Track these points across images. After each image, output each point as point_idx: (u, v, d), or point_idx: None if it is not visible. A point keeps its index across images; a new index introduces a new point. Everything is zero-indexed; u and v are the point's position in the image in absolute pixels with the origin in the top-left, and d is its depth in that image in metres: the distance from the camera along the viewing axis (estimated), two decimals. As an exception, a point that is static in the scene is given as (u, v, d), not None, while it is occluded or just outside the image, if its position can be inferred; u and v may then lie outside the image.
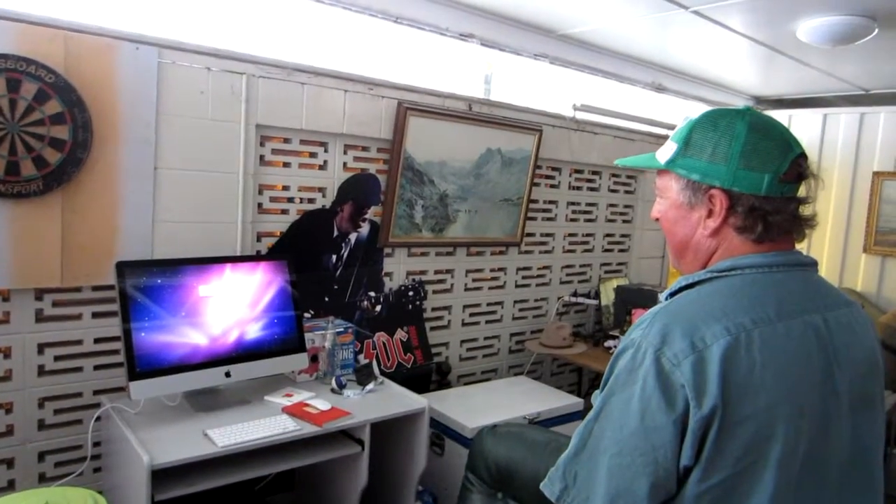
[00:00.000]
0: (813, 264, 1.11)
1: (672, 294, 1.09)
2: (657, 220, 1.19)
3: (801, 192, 1.09)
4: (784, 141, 1.07)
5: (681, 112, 4.61)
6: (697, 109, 1.18)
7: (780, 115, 5.00)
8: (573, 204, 3.97)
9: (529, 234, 3.72)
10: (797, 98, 4.90)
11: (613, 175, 4.18)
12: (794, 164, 1.06)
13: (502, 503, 1.91)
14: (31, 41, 2.09)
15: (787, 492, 0.95)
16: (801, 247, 1.10)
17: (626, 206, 4.32)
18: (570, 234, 4.01)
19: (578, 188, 3.99)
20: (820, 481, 1.00)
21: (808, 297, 1.06)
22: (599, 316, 4.10)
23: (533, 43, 3.57)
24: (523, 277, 3.77)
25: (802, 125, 4.88)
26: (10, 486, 2.25)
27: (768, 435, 0.94)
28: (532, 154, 3.53)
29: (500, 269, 3.64)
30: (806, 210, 1.09)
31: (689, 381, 0.92)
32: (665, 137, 4.32)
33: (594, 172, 4.06)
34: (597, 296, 4.08)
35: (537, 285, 3.86)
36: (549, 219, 3.85)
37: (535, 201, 3.71)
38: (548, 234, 3.86)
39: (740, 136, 1.04)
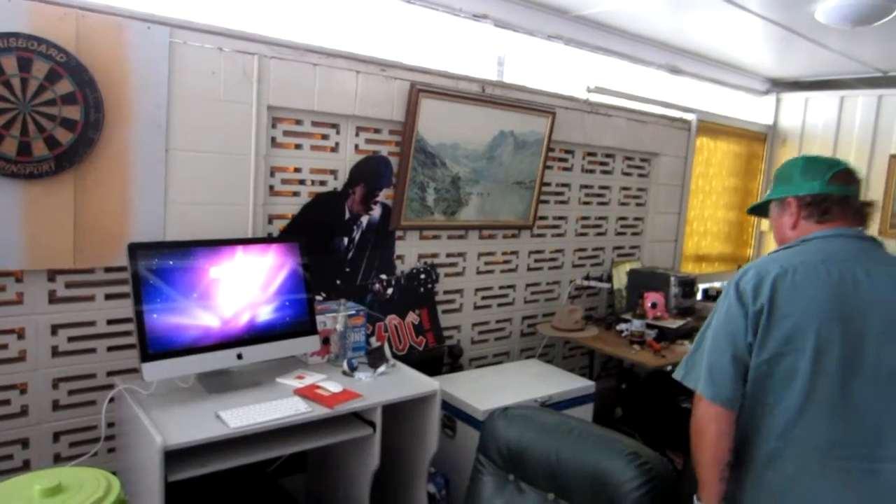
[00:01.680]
0: (871, 238, 1.60)
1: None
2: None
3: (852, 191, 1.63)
4: (829, 162, 1.66)
5: (696, 94, 4.55)
6: (713, 91, 1.20)
7: (796, 98, 4.93)
8: (586, 187, 3.94)
9: (542, 218, 3.70)
10: (814, 80, 4.83)
11: (627, 158, 4.14)
12: (837, 174, 1.62)
13: (514, 485, 1.90)
14: (42, 20, 2.07)
15: (821, 376, 1.46)
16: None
17: (639, 190, 4.27)
18: (583, 218, 3.97)
19: (591, 171, 3.95)
20: (852, 377, 1.46)
21: (856, 255, 1.54)
22: (612, 299, 4.08)
23: (547, 24, 3.52)
24: (535, 261, 3.75)
25: (819, 108, 4.81)
26: (26, 466, 2.27)
27: (804, 329, 1.47)
28: (545, 136, 3.49)
29: (513, 253, 3.62)
30: (856, 203, 1.63)
31: (750, 291, 1.53)
32: (680, 120, 4.28)
33: (607, 155, 4.01)
34: (609, 279, 4.05)
35: (549, 268, 3.84)
36: (561, 202, 3.81)
37: (548, 184, 3.68)
38: (560, 218, 3.83)
39: (799, 163, 1.68)
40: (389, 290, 3.09)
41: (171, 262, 2.13)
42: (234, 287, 2.26)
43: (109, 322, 2.37)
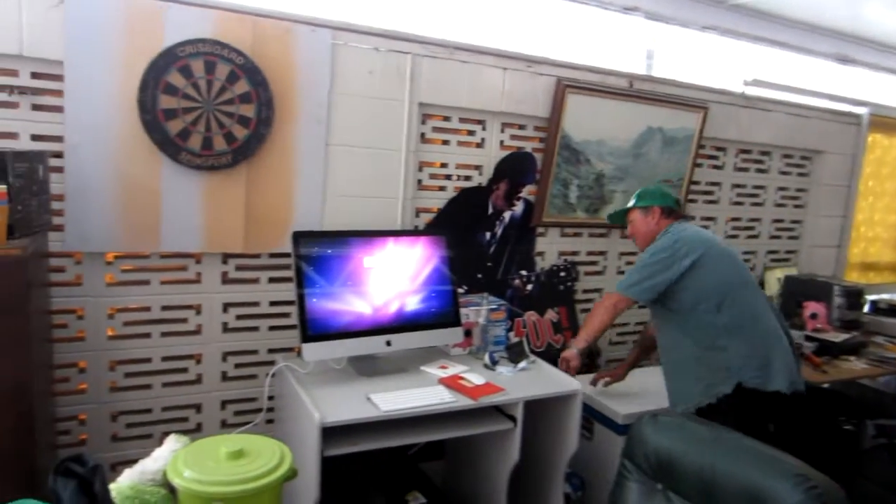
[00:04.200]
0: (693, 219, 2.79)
1: None
2: (631, 235, 2.59)
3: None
4: (670, 192, 2.56)
5: (869, 86, 4.14)
6: (889, 83, 1.09)
7: None
8: (738, 186, 3.72)
9: (689, 218, 3.53)
10: None
11: (785, 156, 3.85)
12: (675, 198, 2.54)
13: (662, 494, 1.83)
14: (224, 26, 2.28)
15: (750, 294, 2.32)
16: None
17: (798, 190, 3.97)
18: (734, 219, 3.76)
19: (745, 169, 3.72)
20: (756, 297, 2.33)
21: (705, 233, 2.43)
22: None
23: (701, 14, 3.37)
24: (680, 263, 3.59)
25: None
26: (198, 429, 2.51)
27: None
28: (696, 133, 3.33)
29: (656, 253, 3.49)
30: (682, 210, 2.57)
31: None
32: (849, 114, 3.93)
33: (763, 153, 3.76)
34: (761, 285, 3.79)
35: (694, 272, 3.66)
36: (711, 202, 3.63)
37: (697, 183, 3.51)
38: (709, 218, 3.65)
39: (658, 190, 2.55)
40: (529, 287, 3.09)
41: (329, 251, 2.27)
42: (385, 276, 2.36)
43: (272, 303, 2.56)
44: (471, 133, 2.87)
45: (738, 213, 3.76)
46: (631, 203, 2.54)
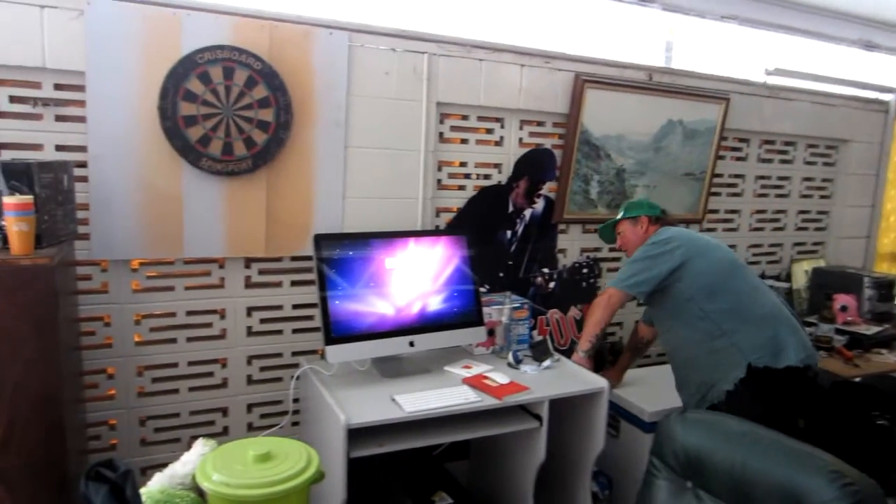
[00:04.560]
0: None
1: None
2: (621, 246, 2.65)
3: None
4: (656, 204, 2.63)
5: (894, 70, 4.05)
6: None
7: None
8: (762, 178, 3.66)
9: (712, 211, 3.49)
10: None
11: (810, 146, 3.78)
12: (661, 209, 2.61)
13: (692, 492, 1.81)
14: (242, 32, 2.29)
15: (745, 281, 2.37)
16: None
17: (824, 181, 3.89)
18: (758, 211, 3.70)
19: (768, 160, 3.66)
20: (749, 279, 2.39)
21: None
22: (790, 300, 3.76)
23: (720, 4, 3.32)
24: (704, 257, 3.55)
25: None
26: (225, 432, 2.53)
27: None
28: (717, 125, 3.29)
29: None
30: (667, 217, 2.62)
31: None
32: (875, 101, 3.85)
33: (787, 143, 3.69)
34: (788, 278, 3.74)
35: (719, 265, 3.61)
36: (734, 194, 3.58)
37: (720, 175, 3.46)
38: (733, 211, 3.59)
39: (645, 202, 2.62)
40: (551, 284, 3.07)
41: (350, 253, 2.27)
42: (407, 277, 2.36)
43: (294, 307, 2.57)
44: (489, 131, 2.85)
45: (762, 206, 3.70)
46: (619, 215, 2.60)
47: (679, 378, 2.47)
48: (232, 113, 2.30)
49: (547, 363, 2.46)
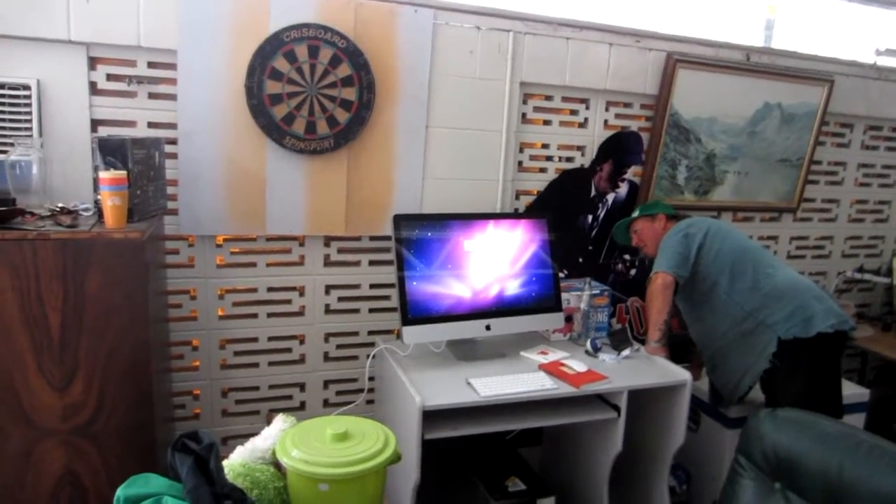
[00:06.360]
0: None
1: None
2: (638, 243, 2.66)
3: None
4: (670, 205, 2.73)
5: None
6: None
7: None
8: (866, 166, 3.40)
9: (808, 200, 3.28)
10: None
11: (923, 132, 3.49)
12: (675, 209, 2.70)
13: (781, 494, 1.71)
14: (327, 10, 2.29)
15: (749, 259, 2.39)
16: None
17: (937, 170, 3.59)
18: (859, 201, 3.45)
19: (874, 147, 3.40)
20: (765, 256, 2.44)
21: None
22: (890, 296, 3.51)
23: (828, -23, 3.08)
24: (797, 248, 3.35)
25: None
26: (302, 407, 2.59)
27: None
28: (819, 109, 3.07)
29: (771, 238, 3.27)
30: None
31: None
32: None
33: (896, 129, 3.42)
34: (889, 273, 3.48)
35: (814, 257, 3.40)
36: (833, 182, 3.35)
37: (818, 162, 3.24)
38: (831, 201, 3.37)
39: (660, 202, 2.72)
40: (632, 272, 2.96)
41: (429, 234, 2.25)
42: (485, 260, 2.32)
43: (372, 286, 2.58)
44: (573, 112, 2.76)
45: (864, 196, 3.45)
46: (635, 214, 2.67)
47: (712, 365, 2.52)
48: (316, 91, 2.31)
49: (626, 352, 2.38)
